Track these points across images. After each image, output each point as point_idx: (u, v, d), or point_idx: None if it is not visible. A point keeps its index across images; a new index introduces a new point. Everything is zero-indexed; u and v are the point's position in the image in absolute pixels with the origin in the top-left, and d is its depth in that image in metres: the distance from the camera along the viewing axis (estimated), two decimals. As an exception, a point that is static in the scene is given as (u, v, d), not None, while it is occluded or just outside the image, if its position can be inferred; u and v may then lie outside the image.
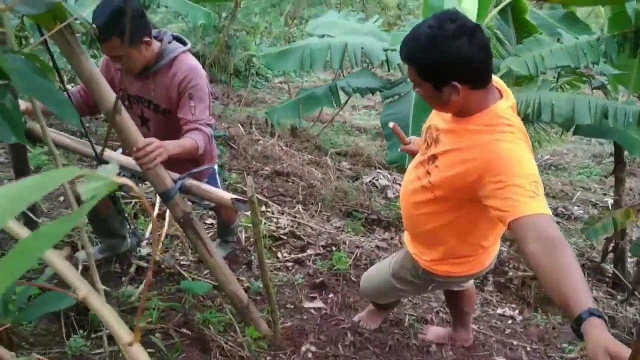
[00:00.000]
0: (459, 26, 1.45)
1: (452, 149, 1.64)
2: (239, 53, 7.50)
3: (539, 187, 1.41)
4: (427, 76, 1.53)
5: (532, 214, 1.34)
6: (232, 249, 3.23)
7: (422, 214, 1.86)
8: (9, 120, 0.73)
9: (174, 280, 2.93)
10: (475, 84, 1.53)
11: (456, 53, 1.45)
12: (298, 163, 5.03)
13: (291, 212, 3.99)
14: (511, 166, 1.44)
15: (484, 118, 1.57)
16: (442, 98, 1.55)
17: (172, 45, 2.32)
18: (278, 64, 3.84)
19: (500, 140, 1.51)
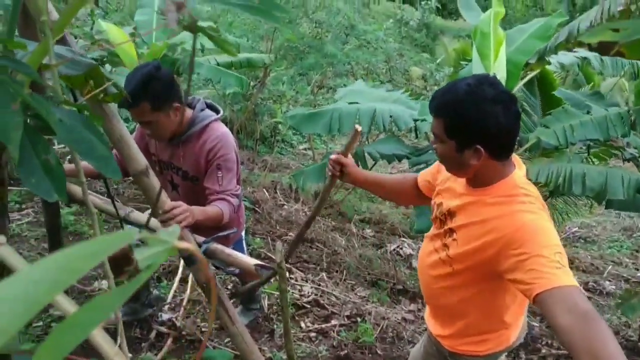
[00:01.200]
0: (498, 92, 1.44)
1: (471, 222, 1.58)
2: (266, 120, 7.64)
3: (564, 258, 1.34)
4: (454, 133, 1.49)
5: (559, 286, 1.26)
6: (254, 317, 3.15)
7: (441, 287, 1.78)
8: (52, 177, 0.71)
9: (195, 347, 2.84)
10: (499, 154, 1.50)
11: (492, 117, 1.42)
12: (322, 229, 4.98)
13: (315, 279, 3.91)
14: (534, 237, 1.39)
15: (503, 189, 1.53)
16: (461, 160, 1.51)
17: (204, 113, 2.34)
18: (306, 126, 3.87)
19: (520, 211, 1.46)
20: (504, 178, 1.54)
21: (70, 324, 0.31)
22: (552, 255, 1.32)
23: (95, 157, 0.75)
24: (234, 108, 6.53)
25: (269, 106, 7.06)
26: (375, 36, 6.41)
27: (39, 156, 0.72)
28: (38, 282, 0.27)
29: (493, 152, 1.48)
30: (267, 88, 6.53)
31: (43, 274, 0.28)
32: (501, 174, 1.54)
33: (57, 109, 0.77)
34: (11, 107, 0.65)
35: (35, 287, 0.27)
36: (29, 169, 0.71)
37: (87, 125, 0.78)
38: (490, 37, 3.94)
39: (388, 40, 6.89)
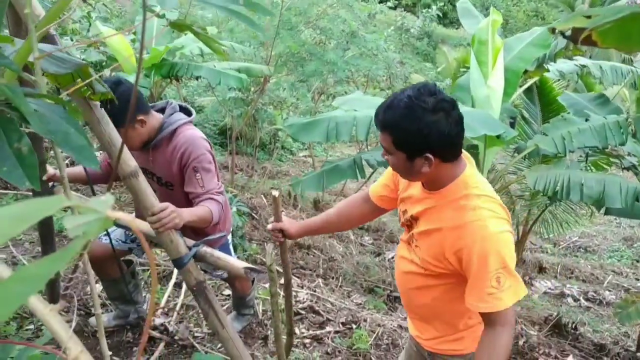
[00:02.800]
0: (438, 100, 1.47)
1: (429, 229, 1.64)
2: (265, 127, 7.64)
3: (503, 276, 1.50)
4: (402, 146, 1.53)
5: (485, 313, 1.56)
6: (247, 322, 3.12)
7: (414, 288, 1.80)
8: (24, 165, 0.70)
9: (187, 353, 2.81)
10: (448, 157, 1.54)
11: (434, 126, 1.46)
12: (320, 236, 4.95)
13: (311, 286, 3.88)
14: (480, 260, 1.50)
15: (455, 191, 1.58)
16: (413, 168, 1.55)
17: (172, 118, 2.33)
18: (304, 134, 3.86)
19: (471, 222, 1.51)
20: (456, 178, 1.58)
21: (6, 290, 0.30)
22: (491, 281, 1.50)
23: (71, 147, 0.74)
24: (234, 114, 6.53)
25: (269, 113, 7.06)
26: (376, 44, 6.41)
27: (11, 144, 0.72)
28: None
29: (442, 157, 1.53)
30: (268, 94, 6.53)
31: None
32: (453, 174, 1.58)
33: (34, 101, 0.77)
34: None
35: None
36: (0, 157, 0.70)
37: (65, 117, 0.77)
38: (488, 45, 3.94)
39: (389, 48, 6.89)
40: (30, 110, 0.71)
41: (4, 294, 0.29)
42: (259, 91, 6.33)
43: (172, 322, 2.99)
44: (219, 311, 2.13)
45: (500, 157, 6.75)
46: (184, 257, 2.00)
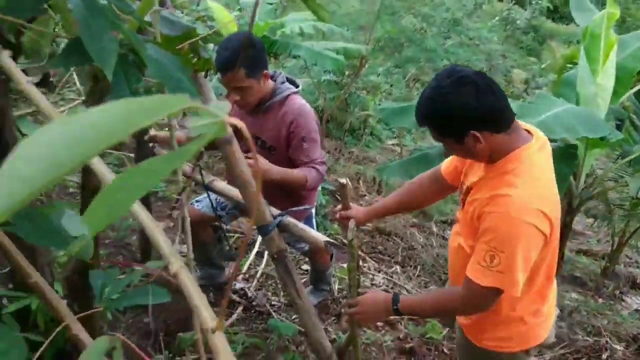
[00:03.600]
0: (457, 78, 1.45)
1: (472, 200, 1.60)
2: (357, 112, 7.64)
3: (495, 259, 1.47)
4: (445, 133, 1.53)
5: (467, 276, 1.56)
6: (323, 298, 3.17)
7: (459, 264, 1.72)
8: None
9: (263, 319, 2.91)
10: (496, 127, 1.49)
11: (460, 105, 1.44)
12: (401, 224, 4.91)
13: (388, 271, 3.87)
14: (488, 231, 1.49)
15: (505, 164, 1.53)
16: (467, 149, 1.53)
17: (284, 85, 2.41)
18: (395, 119, 3.83)
19: (503, 196, 1.47)
20: (513, 150, 1.53)
21: (119, 185, 0.32)
22: (485, 255, 1.49)
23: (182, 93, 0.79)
24: (327, 97, 6.59)
25: (361, 98, 7.05)
26: (478, 34, 6.20)
27: (130, 85, 0.78)
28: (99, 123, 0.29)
29: (489, 129, 1.48)
30: (362, 79, 6.52)
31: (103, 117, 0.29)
32: (509, 146, 1.53)
33: (151, 47, 0.82)
34: (109, 34, 0.70)
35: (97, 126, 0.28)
36: (118, 96, 0.76)
37: (178, 66, 0.82)
38: (600, 40, 3.69)
39: (492, 40, 6.65)
40: (148, 54, 0.76)
41: (128, 183, 0.32)
42: (353, 75, 6.33)
43: (251, 288, 3.11)
44: (297, 281, 2.18)
45: (601, 162, 6.35)
46: (268, 225, 2.06)
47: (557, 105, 3.27)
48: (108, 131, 0.29)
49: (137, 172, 0.32)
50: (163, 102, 0.31)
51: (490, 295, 1.55)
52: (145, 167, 0.32)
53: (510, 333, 1.77)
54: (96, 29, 0.69)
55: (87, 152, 0.29)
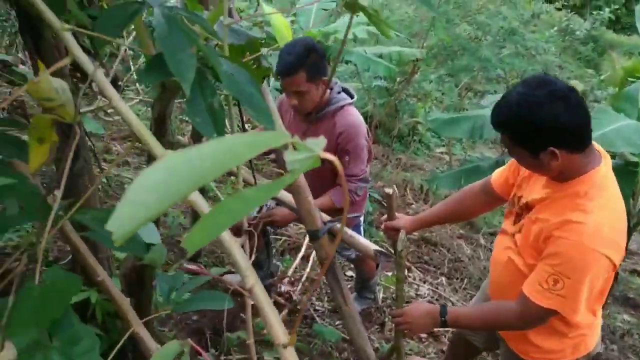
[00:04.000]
0: (551, 91, 1.40)
1: (538, 218, 1.55)
2: (406, 118, 7.59)
3: (561, 284, 1.44)
4: (522, 143, 1.48)
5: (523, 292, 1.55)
6: (367, 305, 3.17)
7: (510, 278, 1.70)
8: (214, 119, 0.80)
9: (306, 324, 2.94)
10: (575, 147, 1.45)
11: (551, 118, 1.39)
12: (448, 234, 4.86)
13: (434, 282, 3.83)
14: (556, 256, 1.46)
15: (578, 186, 1.49)
16: (540, 164, 1.49)
17: (340, 96, 2.42)
18: (446, 129, 3.79)
19: (579, 223, 1.42)
20: (586, 172, 1.49)
21: (219, 211, 0.35)
22: (548, 277, 1.46)
23: (254, 108, 0.82)
24: (377, 102, 6.57)
25: (411, 105, 7.00)
26: (535, 44, 6.06)
27: (205, 99, 0.81)
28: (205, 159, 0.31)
29: (569, 148, 1.44)
30: (413, 86, 6.48)
31: (209, 153, 0.31)
32: (582, 168, 1.50)
33: (225, 62, 0.86)
34: (189, 50, 0.73)
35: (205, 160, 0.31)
36: (195, 109, 0.80)
37: (249, 80, 0.85)
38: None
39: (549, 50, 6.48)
40: (223, 70, 0.79)
41: (228, 208, 0.34)
42: (404, 82, 6.30)
43: (296, 291, 3.14)
44: (344, 287, 2.19)
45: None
46: (319, 230, 2.09)
47: (618, 120, 3.17)
48: (216, 164, 0.31)
49: (235, 200, 0.34)
50: (265, 138, 0.33)
51: (547, 316, 1.54)
52: (242, 196, 0.34)
53: (561, 346, 1.74)
54: (176, 45, 0.72)
55: (197, 182, 0.31)
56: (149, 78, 0.80)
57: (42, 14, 0.66)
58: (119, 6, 0.79)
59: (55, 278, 0.84)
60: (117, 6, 0.79)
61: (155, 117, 1.33)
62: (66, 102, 0.70)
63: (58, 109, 0.70)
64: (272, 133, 0.34)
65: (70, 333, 0.82)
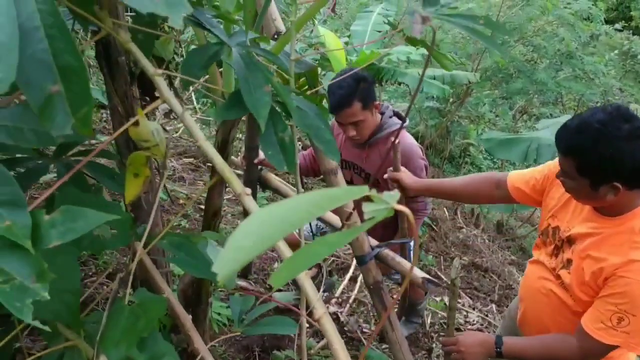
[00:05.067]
0: (634, 127, 1.36)
1: (591, 256, 1.53)
2: (457, 140, 7.53)
3: (627, 321, 1.44)
4: (588, 173, 1.43)
5: (583, 328, 1.53)
6: (414, 330, 3.15)
7: (552, 311, 1.69)
8: (284, 152, 0.84)
9: (354, 345, 2.94)
10: (635, 186, 1.43)
11: (629, 155, 1.36)
12: (499, 260, 4.77)
13: (483, 309, 3.76)
14: (623, 295, 1.45)
15: (632, 221, 1.48)
16: (595, 195, 1.46)
17: (391, 120, 2.44)
18: (500, 151, 3.74)
19: (634, 261, 1.42)
20: (635, 208, 1.49)
21: (302, 253, 0.39)
22: (612, 316, 1.46)
23: (321, 141, 0.86)
24: (429, 123, 6.56)
25: (463, 126, 6.94)
26: (594, 68, 5.92)
27: (277, 133, 0.85)
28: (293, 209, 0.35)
29: (631, 186, 1.42)
30: (466, 107, 6.43)
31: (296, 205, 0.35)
32: (634, 203, 1.49)
33: (295, 97, 0.90)
34: (264, 89, 0.78)
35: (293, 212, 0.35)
36: (268, 143, 0.84)
37: (317, 114, 0.90)
38: None
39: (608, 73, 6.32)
40: (294, 106, 0.84)
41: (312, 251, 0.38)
42: (457, 103, 6.27)
43: (344, 313, 3.15)
44: (391, 313, 2.19)
45: None
46: (366, 256, 2.10)
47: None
48: (303, 214, 0.35)
49: (319, 243, 0.38)
50: (347, 192, 0.37)
51: (609, 351, 1.54)
52: (326, 241, 0.38)
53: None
54: (253, 84, 0.78)
55: (286, 230, 0.35)
56: (227, 114, 0.86)
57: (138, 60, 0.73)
58: (201, 48, 0.85)
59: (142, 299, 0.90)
60: (198, 48, 0.85)
61: (219, 141, 1.39)
62: (160, 143, 0.77)
63: (152, 149, 0.77)
64: (352, 188, 0.37)
65: (155, 349, 0.88)
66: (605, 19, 7.18)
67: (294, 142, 0.84)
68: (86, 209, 0.65)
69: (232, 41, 0.86)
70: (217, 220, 1.53)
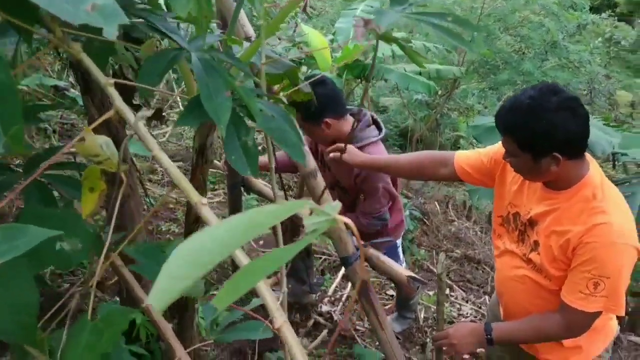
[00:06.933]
0: (562, 99, 1.46)
1: (556, 231, 1.59)
2: (447, 132, 7.53)
3: (602, 285, 1.49)
4: (527, 147, 1.52)
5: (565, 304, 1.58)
6: (408, 326, 3.15)
7: (528, 293, 1.74)
8: (248, 156, 0.83)
9: (347, 343, 2.94)
10: (575, 155, 1.53)
11: (560, 125, 1.46)
12: (491, 252, 4.77)
13: (477, 301, 3.77)
14: (592, 259, 1.49)
15: (583, 190, 1.56)
16: (539, 169, 1.54)
17: (363, 134, 2.35)
18: (488, 137, 3.73)
19: (601, 224, 1.49)
20: (582, 178, 1.56)
21: (246, 272, 0.38)
22: (588, 283, 1.50)
23: (287, 144, 0.85)
24: (417, 117, 6.55)
25: (452, 119, 6.94)
26: (579, 56, 5.93)
27: (240, 138, 0.85)
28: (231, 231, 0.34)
29: (569, 155, 1.51)
30: (454, 99, 6.43)
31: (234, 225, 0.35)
32: (580, 173, 1.57)
33: (259, 100, 0.89)
34: (224, 94, 0.77)
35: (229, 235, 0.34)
36: (231, 147, 0.83)
37: (283, 116, 0.89)
38: None
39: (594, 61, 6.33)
40: (257, 110, 0.83)
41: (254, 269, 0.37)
42: (445, 96, 6.26)
43: (337, 311, 3.15)
44: (379, 312, 2.19)
45: None
46: (350, 257, 2.09)
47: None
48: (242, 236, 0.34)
49: (262, 261, 0.37)
50: (287, 208, 0.36)
51: (593, 319, 1.58)
52: (270, 257, 0.37)
53: (596, 337, 1.77)
54: (213, 89, 0.77)
55: (226, 252, 0.34)
56: (186, 121, 0.84)
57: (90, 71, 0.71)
58: (158, 54, 0.84)
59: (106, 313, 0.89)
60: (156, 54, 0.84)
61: (196, 147, 1.38)
62: (111, 156, 0.76)
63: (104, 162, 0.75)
64: (293, 203, 0.37)
65: None
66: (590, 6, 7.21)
67: (256, 146, 0.83)
68: (28, 225, 0.64)
69: (192, 46, 0.85)
70: (198, 225, 1.52)
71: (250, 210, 0.36)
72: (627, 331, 3.72)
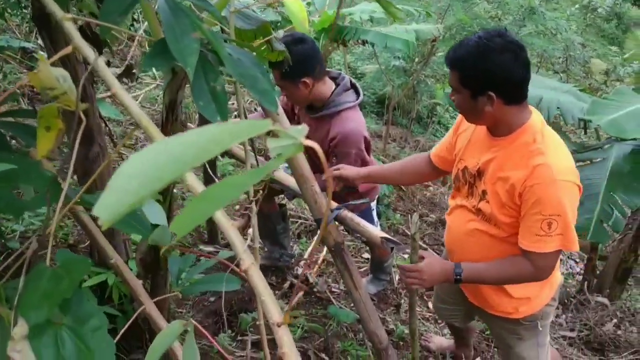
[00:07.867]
0: (507, 42, 1.53)
1: (501, 177, 1.66)
2: (424, 100, 7.53)
3: (555, 224, 1.55)
4: (467, 83, 1.60)
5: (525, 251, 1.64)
6: (383, 287, 3.19)
7: (480, 246, 1.80)
8: (217, 102, 0.81)
9: (322, 305, 2.97)
10: (512, 99, 1.59)
11: (500, 65, 1.53)
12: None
13: (450, 264, 3.83)
14: (540, 200, 1.55)
15: (523, 135, 1.62)
16: (476, 107, 1.61)
17: (341, 98, 2.31)
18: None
19: (541, 165, 1.55)
20: (522, 124, 1.63)
21: (204, 198, 0.36)
22: (542, 224, 1.56)
23: (258, 90, 0.83)
24: (395, 83, 6.52)
25: (429, 86, 6.93)
26: (555, 23, 5.94)
27: (208, 83, 0.82)
28: (186, 146, 0.32)
29: (506, 98, 1.58)
30: (431, 66, 6.40)
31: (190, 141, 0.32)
32: (520, 119, 1.63)
33: (229, 46, 0.86)
34: (191, 35, 0.74)
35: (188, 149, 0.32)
36: (199, 93, 0.81)
37: (253, 62, 0.86)
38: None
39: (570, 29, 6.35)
40: (226, 54, 0.80)
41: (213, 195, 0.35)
42: (423, 62, 6.23)
43: (312, 274, 3.16)
44: (354, 273, 2.20)
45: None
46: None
47: (636, 102, 3.11)
48: (198, 153, 0.32)
49: (221, 186, 0.35)
50: (248, 126, 0.34)
51: (555, 258, 1.65)
52: (229, 182, 0.35)
53: (541, 285, 1.83)
54: (179, 31, 0.73)
55: (180, 169, 0.32)
56: (152, 63, 0.81)
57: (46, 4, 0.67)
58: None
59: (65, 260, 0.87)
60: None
61: (166, 103, 1.34)
62: (68, 91, 0.72)
63: (61, 98, 0.72)
64: (255, 121, 0.34)
65: (80, 312, 0.85)
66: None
67: (225, 91, 0.81)
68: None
69: (157, -14, 0.81)
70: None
71: (209, 126, 0.33)
72: (595, 292, 3.84)
